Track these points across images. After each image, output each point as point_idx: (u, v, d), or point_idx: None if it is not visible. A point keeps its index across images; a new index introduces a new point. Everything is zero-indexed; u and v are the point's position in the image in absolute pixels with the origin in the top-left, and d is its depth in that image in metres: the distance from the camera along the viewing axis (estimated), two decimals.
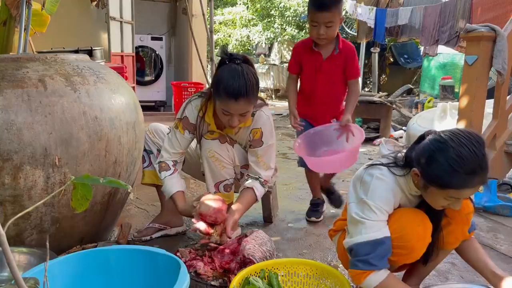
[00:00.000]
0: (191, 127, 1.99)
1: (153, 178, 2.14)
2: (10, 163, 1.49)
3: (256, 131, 1.96)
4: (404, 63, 10.67)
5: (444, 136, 1.25)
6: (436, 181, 1.25)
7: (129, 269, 1.35)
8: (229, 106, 1.77)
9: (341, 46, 2.22)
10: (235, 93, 1.73)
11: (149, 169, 2.14)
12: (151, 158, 2.14)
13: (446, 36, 5.24)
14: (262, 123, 1.96)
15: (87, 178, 0.95)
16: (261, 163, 1.99)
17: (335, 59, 2.24)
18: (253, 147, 1.99)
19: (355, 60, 2.26)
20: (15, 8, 3.11)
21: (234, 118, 1.81)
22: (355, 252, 1.32)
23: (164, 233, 2.17)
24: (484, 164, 1.21)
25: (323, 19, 2.10)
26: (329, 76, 2.27)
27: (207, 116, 1.98)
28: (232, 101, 1.75)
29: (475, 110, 2.89)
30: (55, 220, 1.66)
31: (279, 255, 1.97)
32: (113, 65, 3.56)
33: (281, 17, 10.87)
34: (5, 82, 1.53)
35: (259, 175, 1.99)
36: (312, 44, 2.25)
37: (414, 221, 1.35)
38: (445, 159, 1.21)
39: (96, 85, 1.74)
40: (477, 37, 2.82)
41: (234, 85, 1.73)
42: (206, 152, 1.96)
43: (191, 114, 1.98)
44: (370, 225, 1.31)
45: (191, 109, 1.99)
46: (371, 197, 1.33)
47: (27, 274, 1.17)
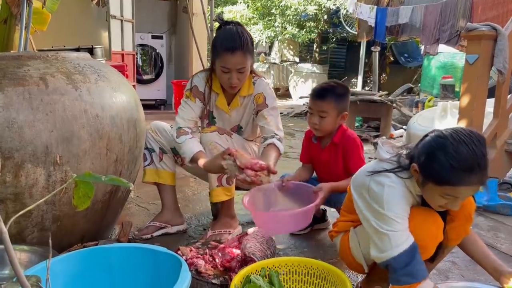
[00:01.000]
0: (201, 95, 2.09)
1: (154, 176, 2.14)
2: (11, 161, 1.49)
3: (259, 96, 2.08)
4: (404, 62, 10.68)
5: (445, 132, 1.26)
6: (433, 176, 1.25)
7: (130, 267, 1.35)
8: (227, 60, 1.90)
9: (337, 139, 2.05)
10: (231, 46, 1.88)
11: (150, 167, 2.15)
12: (153, 157, 2.14)
13: (447, 35, 5.23)
14: (263, 88, 2.09)
15: (89, 176, 0.95)
16: (271, 123, 2.05)
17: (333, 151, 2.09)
18: (260, 111, 2.08)
19: (354, 154, 2.04)
20: (15, 6, 3.11)
21: (233, 74, 1.93)
22: (394, 267, 1.28)
23: (164, 232, 2.17)
24: (483, 163, 1.21)
25: (316, 108, 2.01)
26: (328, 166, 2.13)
27: (215, 86, 2.08)
28: (229, 55, 1.89)
29: (476, 109, 2.89)
30: (56, 218, 1.66)
31: (280, 254, 1.97)
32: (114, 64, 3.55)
33: (282, 16, 10.84)
34: (6, 80, 1.53)
35: (273, 132, 2.03)
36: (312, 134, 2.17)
37: (427, 220, 1.35)
38: (443, 155, 1.21)
39: (97, 83, 1.74)
40: (478, 36, 2.82)
41: (230, 39, 1.90)
42: (208, 144, 1.98)
43: (200, 83, 2.10)
44: (398, 235, 1.28)
45: (199, 79, 2.11)
46: (389, 208, 1.30)
47: (28, 272, 1.17)
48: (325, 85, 2.04)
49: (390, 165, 1.39)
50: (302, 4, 10.42)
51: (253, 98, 2.10)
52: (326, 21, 11.24)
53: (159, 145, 2.14)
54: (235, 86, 2.00)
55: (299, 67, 11.08)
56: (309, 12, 10.53)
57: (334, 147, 2.07)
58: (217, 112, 2.17)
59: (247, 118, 2.17)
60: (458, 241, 1.47)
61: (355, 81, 11.26)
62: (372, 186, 1.36)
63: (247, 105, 2.13)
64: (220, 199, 2.05)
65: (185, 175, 3.22)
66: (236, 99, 2.10)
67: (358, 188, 1.44)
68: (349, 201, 1.56)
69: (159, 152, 2.14)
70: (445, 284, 1.49)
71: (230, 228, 2.12)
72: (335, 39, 11.89)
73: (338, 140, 2.05)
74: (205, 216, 2.48)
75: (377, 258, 1.33)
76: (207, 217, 2.47)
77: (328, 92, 1.99)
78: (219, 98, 2.11)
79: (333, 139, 2.05)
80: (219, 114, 2.17)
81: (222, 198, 2.05)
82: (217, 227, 2.10)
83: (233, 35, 1.92)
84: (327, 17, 11.08)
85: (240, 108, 2.13)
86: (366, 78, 10.84)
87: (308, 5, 10.39)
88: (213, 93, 2.11)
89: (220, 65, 1.94)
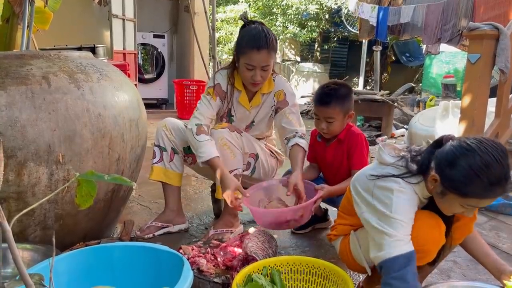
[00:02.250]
0: (223, 94, 2.13)
1: (161, 175, 2.15)
2: (14, 159, 1.49)
3: (280, 93, 2.12)
4: (405, 61, 10.66)
5: (470, 142, 1.22)
6: (457, 188, 1.22)
7: (132, 266, 1.36)
8: (252, 57, 1.94)
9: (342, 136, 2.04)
10: (257, 43, 1.92)
11: (158, 166, 2.15)
12: (164, 156, 2.14)
13: (449, 34, 5.23)
14: (283, 85, 2.14)
15: (91, 175, 0.95)
16: (293, 121, 2.10)
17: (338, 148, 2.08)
18: (280, 109, 2.13)
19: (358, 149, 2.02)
20: (18, 5, 3.11)
21: (256, 71, 1.96)
22: (387, 268, 1.26)
23: (166, 231, 2.18)
24: (509, 175, 1.19)
25: (322, 114, 2.00)
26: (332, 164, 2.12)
27: (237, 84, 2.12)
28: (255, 52, 1.93)
29: (478, 109, 2.88)
30: (58, 217, 1.67)
31: (282, 253, 1.97)
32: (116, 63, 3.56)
33: (283, 15, 10.83)
34: (9, 79, 1.53)
35: (296, 130, 2.09)
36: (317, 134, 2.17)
37: (430, 224, 1.34)
38: (470, 166, 1.19)
39: (99, 83, 1.75)
40: (480, 36, 2.81)
41: (256, 37, 1.94)
42: (218, 140, 1.99)
43: (223, 81, 2.12)
44: (400, 237, 1.27)
45: (221, 77, 2.13)
46: (396, 212, 1.28)
47: (31, 270, 1.17)
48: (327, 90, 1.99)
49: (395, 169, 1.36)
50: (303, 4, 10.41)
51: (274, 95, 2.13)
52: (328, 20, 11.22)
53: (172, 145, 2.14)
54: (258, 83, 2.04)
55: (300, 66, 11.07)
56: (311, 11, 10.52)
57: (339, 144, 2.05)
58: (237, 109, 2.17)
59: (263, 114, 2.18)
60: (461, 240, 1.47)
61: (356, 80, 11.26)
62: (379, 191, 1.35)
63: (268, 103, 2.16)
64: None
65: (186, 173, 3.23)
66: (257, 96, 2.14)
67: (360, 191, 1.43)
68: (348, 203, 1.55)
69: (170, 152, 2.14)
70: (447, 283, 1.49)
71: (232, 227, 2.12)
72: (337, 39, 11.88)
73: (343, 137, 2.03)
74: (207, 215, 2.49)
75: (375, 258, 1.32)
76: (209, 216, 2.47)
77: (332, 97, 1.96)
78: (241, 96, 2.13)
79: (339, 136, 2.04)
80: (239, 111, 2.17)
81: None
82: (219, 226, 2.10)
83: (259, 33, 1.96)
84: (328, 16, 11.06)
85: (260, 106, 2.16)
86: (368, 77, 10.82)
87: (309, 5, 10.38)
88: (235, 91, 2.14)
89: (244, 62, 1.98)
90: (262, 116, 2.18)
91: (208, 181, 2.91)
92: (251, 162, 2.13)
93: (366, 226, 1.40)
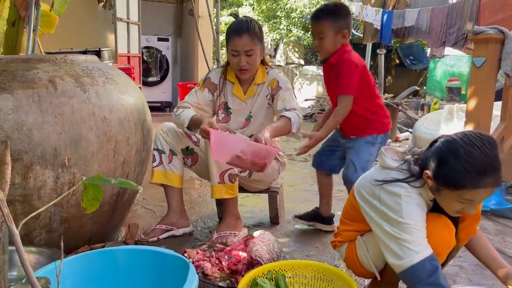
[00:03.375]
0: (212, 86, 2.22)
1: (162, 178, 2.15)
2: (20, 163, 1.50)
3: (272, 82, 2.18)
4: (410, 64, 10.64)
5: (455, 137, 1.25)
6: (448, 182, 1.24)
7: (137, 270, 1.36)
8: (235, 42, 2.05)
9: (334, 60, 2.06)
10: (238, 28, 2.05)
11: (158, 169, 2.15)
12: (162, 158, 2.15)
13: (454, 38, 5.21)
14: (276, 75, 2.21)
15: (98, 179, 0.95)
16: (286, 102, 2.11)
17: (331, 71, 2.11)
18: (275, 94, 2.17)
19: (343, 74, 2.02)
20: (24, 9, 3.14)
21: (241, 57, 2.06)
22: (416, 276, 1.24)
23: (170, 234, 2.18)
24: (497, 164, 1.20)
25: (315, 30, 2.07)
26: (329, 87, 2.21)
27: (230, 76, 2.21)
28: (237, 37, 2.04)
29: (483, 113, 2.87)
30: (63, 220, 1.67)
31: (286, 257, 1.97)
32: (121, 66, 3.58)
33: (287, 19, 10.87)
34: (16, 83, 1.54)
35: (285, 107, 2.08)
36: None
37: (440, 227, 1.33)
38: (456, 159, 1.21)
39: (105, 86, 1.75)
40: (485, 39, 2.80)
41: (238, 24, 2.08)
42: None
43: (214, 75, 2.24)
44: (419, 242, 1.26)
45: (214, 72, 2.26)
46: (408, 217, 1.28)
47: (37, 273, 1.17)
48: (322, 7, 2.14)
49: (400, 173, 1.36)
50: (307, 7, 10.43)
51: (268, 85, 2.19)
52: None
53: (170, 147, 2.15)
54: (245, 69, 2.10)
55: (304, 69, 11.09)
56: None
57: (331, 67, 2.10)
58: (233, 102, 2.23)
59: (259, 103, 2.21)
60: (465, 241, 1.46)
61: None
62: (385, 196, 1.34)
63: (262, 93, 2.21)
64: (222, 196, 2.06)
65: (191, 177, 3.23)
66: (251, 87, 2.20)
67: (366, 196, 1.42)
68: (352, 209, 1.54)
69: (169, 153, 2.15)
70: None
71: (235, 230, 2.12)
72: None
73: (335, 61, 2.05)
74: (211, 219, 2.49)
75: (397, 267, 1.29)
76: (213, 220, 2.47)
77: (323, 13, 2.05)
78: (235, 87, 2.21)
79: (330, 59, 2.07)
80: (235, 103, 2.22)
81: (223, 195, 2.06)
82: (222, 229, 2.10)
83: (241, 21, 2.10)
84: None
85: (255, 96, 2.21)
86: None
87: (313, 8, 10.39)
88: (228, 83, 2.22)
89: (230, 49, 2.09)
90: (259, 106, 2.21)
91: None
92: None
93: (378, 233, 1.36)
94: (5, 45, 3.14)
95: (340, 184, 3.33)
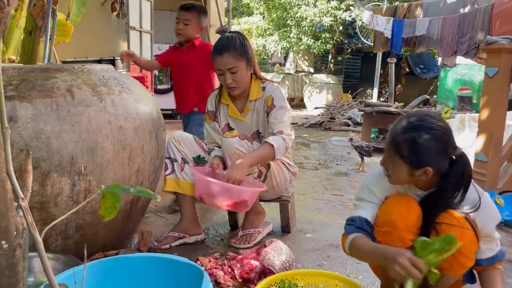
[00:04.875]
0: (212, 114, 2.27)
1: (174, 185, 2.17)
2: (38, 170, 1.53)
3: (268, 99, 2.17)
4: (420, 73, 10.62)
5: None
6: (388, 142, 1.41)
7: (152, 277, 1.37)
8: (217, 62, 2.09)
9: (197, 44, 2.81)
10: (218, 48, 2.09)
11: (171, 177, 2.17)
12: (175, 166, 2.17)
13: (465, 47, 5.19)
14: (272, 91, 2.19)
15: (117, 188, 0.97)
16: (276, 123, 2.12)
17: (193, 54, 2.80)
18: (269, 112, 2.16)
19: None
20: (40, 19, 3.21)
21: (226, 75, 2.08)
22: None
23: (183, 242, 2.19)
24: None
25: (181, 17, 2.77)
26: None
27: (224, 99, 2.24)
28: (218, 56, 2.08)
29: (496, 122, 2.86)
30: (79, 227, 1.70)
31: (298, 266, 1.97)
32: (135, 75, 3.64)
33: (297, 27, 10.90)
34: (35, 92, 1.58)
35: (273, 130, 2.11)
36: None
37: (399, 200, 1.41)
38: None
39: (121, 95, 1.78)
40: (497, 50, 2.80)
41: (219, 44, 2.12)
42: (228, 150, 2.04)
43: (210, 103, 2.29)
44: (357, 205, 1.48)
45: (210, 99, 2.30)
46: (370, 180, 1.51)
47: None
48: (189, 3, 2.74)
49: None
50: (317, 16, 10.47)
51: (264, 101, 2.19)
52: (342, 32, 11.26)
53: (182, 155, 2.17)
54: (232, 87, 2.12)
55: (313, 77, 11.11)
56: (325, 23, 10.57)
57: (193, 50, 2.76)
58: (233, 123, 2.25)
59: (264, 122, 2.22)
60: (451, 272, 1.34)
61: (370, 91, 11.24)
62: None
63: (260, 110, 2.21)
64: None
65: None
66: (247, 105, 2.21)
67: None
68: None
69: (181, 162, 2.17)
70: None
71: (258, 227, 2.21)
72: (350, 50, 11.90)
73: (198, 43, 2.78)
74: (223, 227, 2.50)
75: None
76: (225, 228, 2.48)
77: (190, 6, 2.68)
78: (230, 109, 2.23)
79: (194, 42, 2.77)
80: (235, 124, 2.24)
81: None
82: (247, 227, 2.18)
83: (222, 39, 2.13)
84: (342, 28, 11.10)
85: (253, 113, 2.22)
86: (381, 89, 10.79)
87: (323, 17, 10.43)
88: (223, 106, 2.25)
89: (216, 68, 2.14)
90: (264, 125, 2.22)
91: None
92: (263, 171, 2.18)
93: None
94: (22, 53, 3.21)
95: (350, 193, 3.34)
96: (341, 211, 2.89)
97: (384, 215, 1.40)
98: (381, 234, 1.38)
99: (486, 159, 2.87)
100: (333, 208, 2.96)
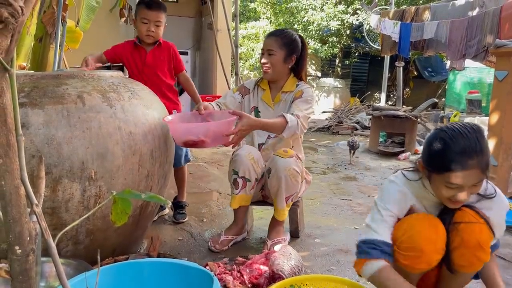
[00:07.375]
0: (245, 90, 2.41)
1: (241, 202, 2.23)
2: (49, 176, 1.54)
3: (298, 92, 2.29)
4: (428, 76, 10.56)
5: (441, 125, 1.35)
6: (432, 164, 1.31)
7: (162, 282, 1.38)
8: (265, 41, 2.30)
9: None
10: (273, 32, 2.35)
11: (240, 194, 2.21)
12: (247, 186, 2.20)
13: (474, 50, 5.16)
14: (304, 88, 2.30)
15: (129, 193, 0.98)
16: (296, 108, 2.18)
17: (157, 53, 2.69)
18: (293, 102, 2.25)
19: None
20: (51, 26, 3.25)
21: (265, 54, 2.27)
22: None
23: (234, 241, 2.29)
24: (478, 147, 1.24)
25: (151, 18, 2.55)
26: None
27: (263, 84, 2.38)
28: (268, 37, 2.31)
29: (506, 126, 2.84)
30: (89, 232, 1.71)
31: (307, 271, 1.96)
32: None
33: (304, 31, 10.91)
34: (46, 99, 1.60)
35: (292, 112, 2.16)
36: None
37: (423, 223, 1.36)
38: (439, 142, 1.28)
39: (130, 101, 1.80)
40: (507, 53, 2.79)
41: (277, 30, 2.40)
42: (285, 171, 2.11)
43: (249, 83, 2.44)
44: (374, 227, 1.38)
45: (250, 81, 2.46)
46: (381, 198, 1.41)
47: None
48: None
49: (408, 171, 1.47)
50: (324, 20, 10.47)
51: (294, 94, 2.29)
52: (349, 36, 11.25)
53: (256, 176, 2.19)
54: (266, 67, 2.26)
55: (321, 81, 11.10)
56: (332, 27, 10.57)
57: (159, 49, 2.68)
58: (262, 107, 2.37)
59: (283, 109, 2.29)
60: (470, 269, 1.38)
61: (378, 95, 11.19)
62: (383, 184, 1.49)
63: (288, 101, 2.31)
64: (285, 216, 2.24)
65: (209, 189, 3.26)
66: (278, 94, 2.33)
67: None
68: None
69: (254, 182, 2.20)
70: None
71: (284, 236, 2.27)
72: (358, 54, 11.88)
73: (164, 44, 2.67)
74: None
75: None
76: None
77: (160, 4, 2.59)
78: (265, 93, 2.36)
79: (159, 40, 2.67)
80: (263, 108, 2.36)
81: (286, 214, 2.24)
82: (274, 236, 2.23)
83: (282, 29, 2.47)
84: (349, 32, 11.09)
85: (281, 104, 2.33)
86: (389, 92, 10.74)
87: (330, 21, 10.43)
88: (260, 90, 2.39)
89: (262, 48, 2.32)
90: (283, 111, 2.26)
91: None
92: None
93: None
94: (33, 60, 3.25)
95: (358, 197, 3.33)
96: (349, 216, 2.88)
97: (410, 241, 1.33)
98: (406, 258, 1.35)
99: (496, 163, 2.85)
100: (342, 213, 2.95)
